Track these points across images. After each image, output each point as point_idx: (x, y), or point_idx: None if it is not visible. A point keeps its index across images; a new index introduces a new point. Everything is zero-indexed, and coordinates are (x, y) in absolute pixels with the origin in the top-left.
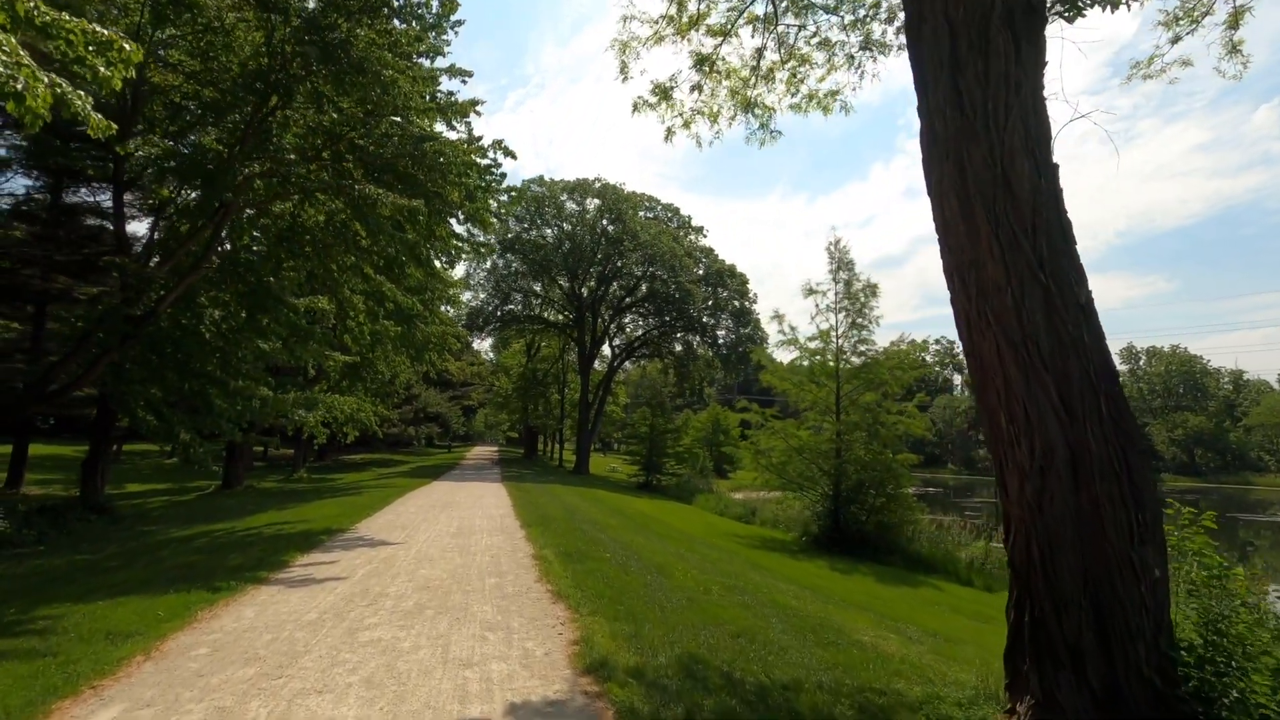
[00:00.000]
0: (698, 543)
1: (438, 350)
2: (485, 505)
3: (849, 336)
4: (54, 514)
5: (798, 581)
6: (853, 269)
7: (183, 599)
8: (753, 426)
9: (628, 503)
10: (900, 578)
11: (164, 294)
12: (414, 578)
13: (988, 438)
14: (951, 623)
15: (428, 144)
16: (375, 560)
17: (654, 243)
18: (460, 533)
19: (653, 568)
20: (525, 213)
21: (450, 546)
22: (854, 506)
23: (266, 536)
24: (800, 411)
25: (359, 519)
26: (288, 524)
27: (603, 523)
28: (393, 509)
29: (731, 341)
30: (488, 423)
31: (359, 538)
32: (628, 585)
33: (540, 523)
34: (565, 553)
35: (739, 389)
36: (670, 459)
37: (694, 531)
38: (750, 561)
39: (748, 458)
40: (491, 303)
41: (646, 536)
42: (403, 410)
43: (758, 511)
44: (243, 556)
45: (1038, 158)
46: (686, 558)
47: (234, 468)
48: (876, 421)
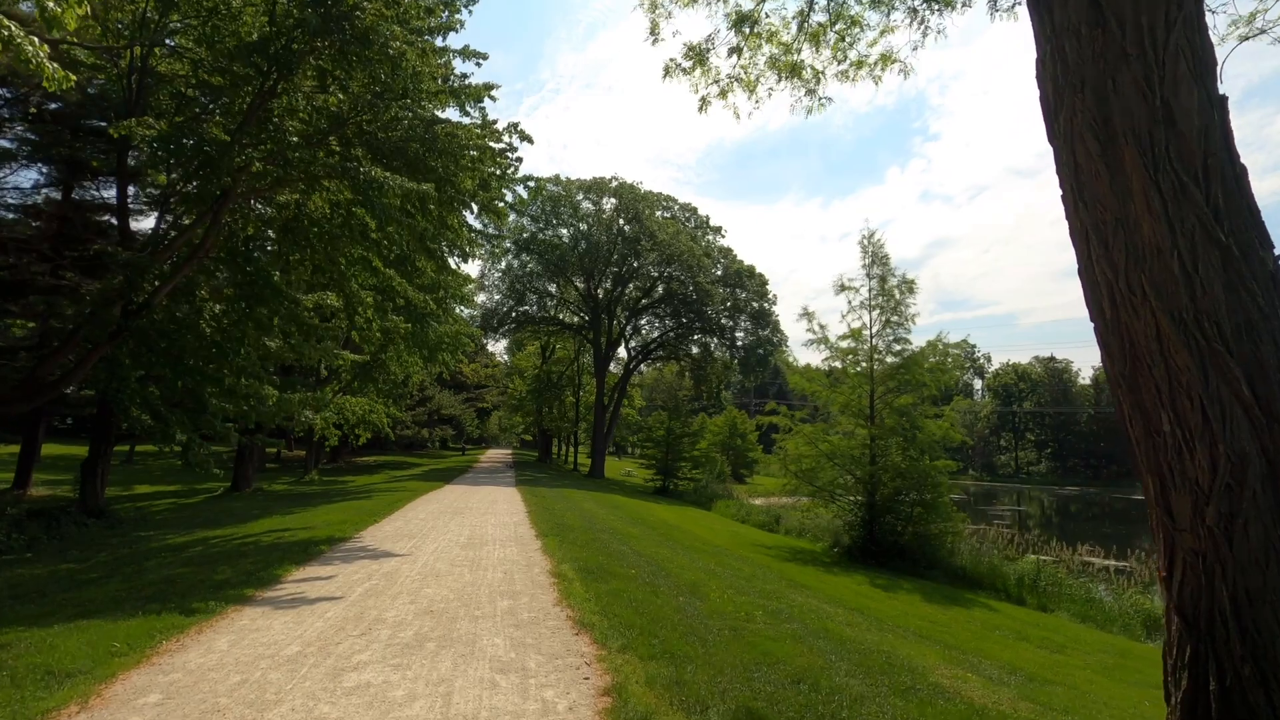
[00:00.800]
0: (726, 555)
1: (451, 350)
2: (498, 511)
3: (883, 335)
4: (49, 518)
5: (842, 601)
6: (888, 264)
7: (150, 624)
8: (780, 431)
9: (646, 509)
10: (947, 595)
11: (159, 285)
12: (417, 598)
13: (1139, 445)
14: (1024, 654)
15: (439, 126)
16: (376, 576)
17: (671, 242)
18: (471, 543)
19: (685, 587)
20: (540, 212)
21: (460, 559)
22: (889, 516)
23: (264, 545)
24: (829, 415)
25: (365, 526)
26: (289, 531)
27: (623, 532)
28: (401, 515)
29: (750, 344)
30: (502, 425)
31: (362, 548)
32: (660, 611)
33: (557, 532)
34: (586, 568)
35: (756, 392)
36: (687, 463)
37: (719, 542)
38: (786, 578)
39: (775, 464)
40: (506, 303)
41: (672, 548)
42: (416, 412)
43: (782, 519)
44: (232, 569)
45: (1206, 86)
46: (718, 574)
47: (243, 470)
48: (913, 426)
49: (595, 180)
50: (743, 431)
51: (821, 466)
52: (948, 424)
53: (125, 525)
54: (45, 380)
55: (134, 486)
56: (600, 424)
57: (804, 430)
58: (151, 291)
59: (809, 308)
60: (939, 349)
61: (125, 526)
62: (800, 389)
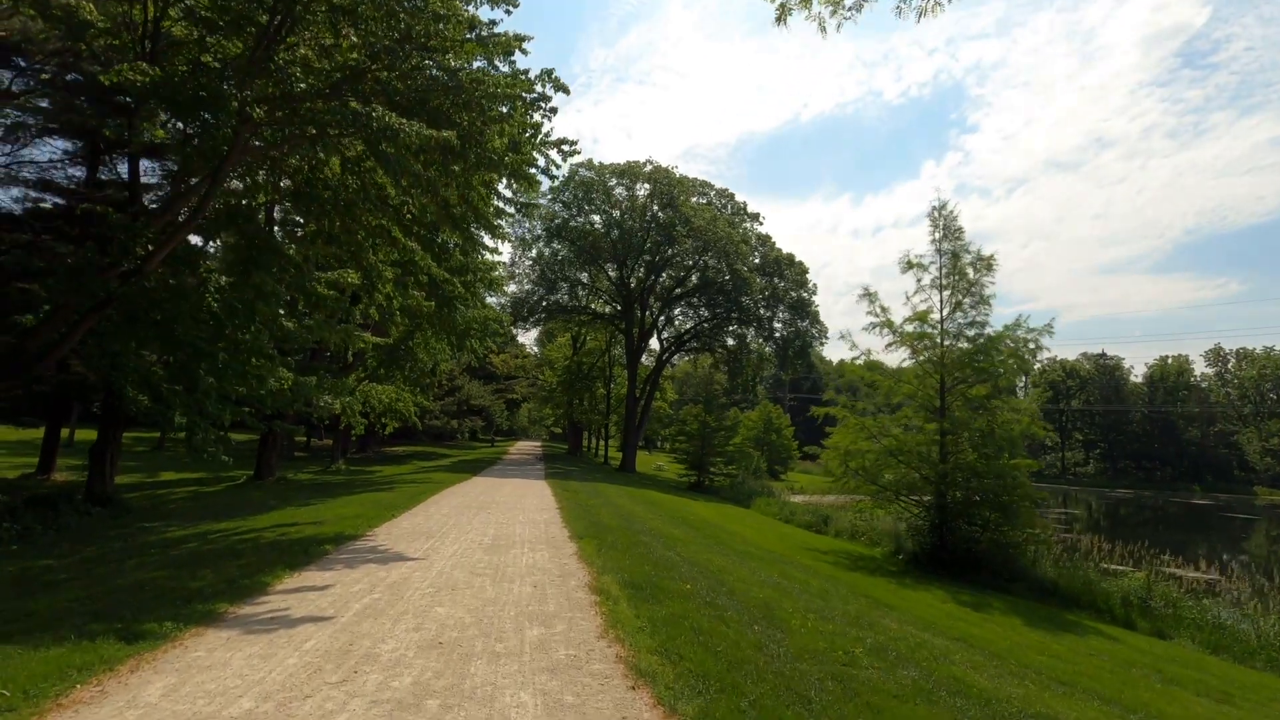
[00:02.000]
0: (784, 563)
1: (480, 338)
2: (527, 507)
3: (954, 318)
4: (50, 506)
5: (937, 627)
6: (961, 237)
7: (74, 656)
8: (837, 424)
9: (685, 506)
10: (1046, 617)
11: (152, 250)
12: (424, 622)
13: None
14: (1187, 705)
15: (464, 73)
16: (379, 587)
17: (708, 228)
18: (496, 545)
19: (756, 610)
20: (573, 198)
21: (481, 566)
22: (962, 521)
23: (263, 544)
24: (890, 408)
25: (380, 522)
26: (296, 526)
27: (666, 534)
28: (422, 509)
29: (788, 335)
30: (531, 417)
31: (372, 548)
32: (736, 648)
33: (593, 533)
34: (632, 582)
35: (791, 386)
36: (721, 459)
37: (770, 545)
38: (861, 593)
39: (832, 461)
40: (536, 292)
41: (724, 554)
42: (445, 402)
43: (831, 520)
44: (215, 574)
45: None
46: (787, 590)
47: (267, 458)
48: (991, 419)
49: (629, 165)
50: (778, 426)
51: (884, 464)
52: (1028, 418)
53: (132, 515)
54: (31, 353)
55: (159, 473)
56: (632, 417)
57: (864, 423)
58: (144, 257)
59: (870, 287)
60: (1018, 334)
61: (131, 516)
62: (857, 377)
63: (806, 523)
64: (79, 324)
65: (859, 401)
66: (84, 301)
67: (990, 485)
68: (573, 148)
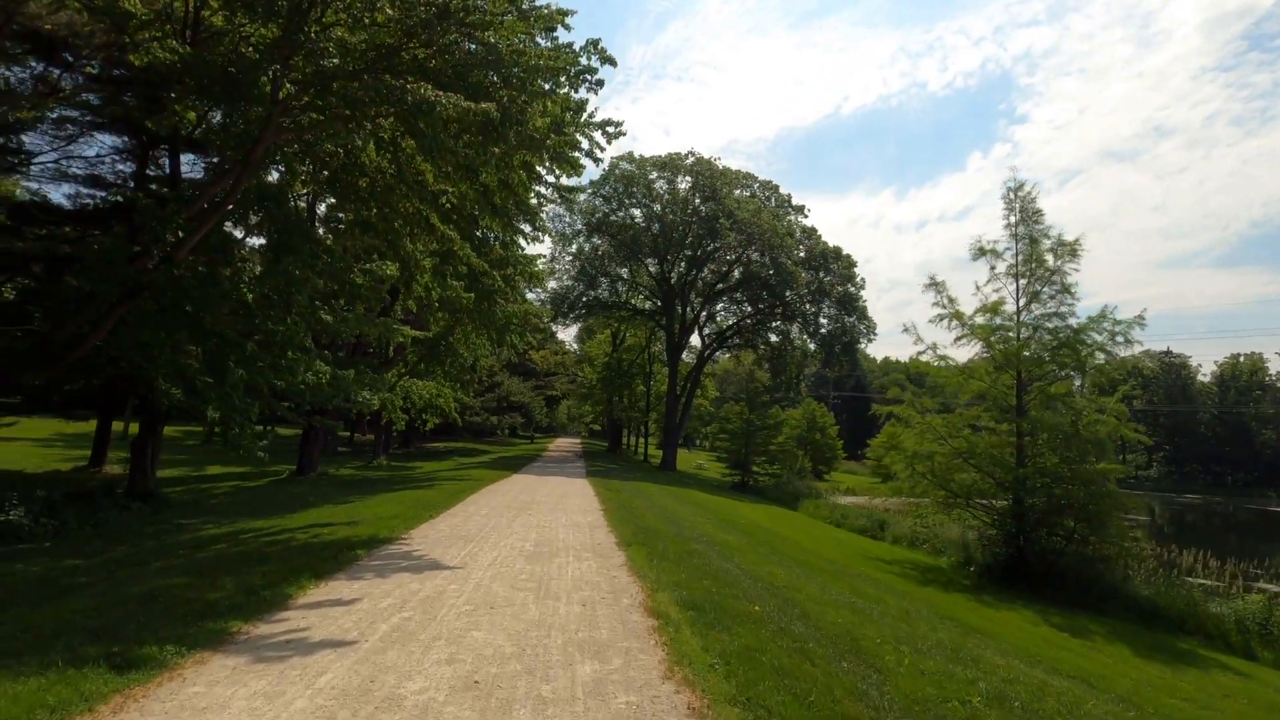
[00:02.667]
0: (851, 576)
1: (519, 333)
2: (569, 508)
3: (1031, 309)
4: (87, 501)
5: (1041, 658)
6: (1039, 220)
7: (58, 687)
8: (887, 424)
9: (732, 509)
10: (1152, 644)
11: (183, 237)
12: (458, 650)
13: None
14: None
15: (503, 46)
16: (411, 603)
17: (752, 221)
18: (538, 553)
19: (840, 642)
20: (613, 192)
21: (523, 578)
22: (1043, 531)
23: (294, 546)
24: (955, 406)
25: (417, 523)
26: (330, 527)
27: (719, 541)
28: (462, 509)
29: (834, 331)
30: (570, 414)
31: (406, 553)
32: (830, 699)
33: (642, 540)
34: (693, 603)
35: (835, 384)
36: (763, 458)
37: (829, 554)
38: (945, 614)
39: (897, 463)
40: (576, 288)
41: (784, 565)
42: (485, 398)
43: (887, 526)
44: (236, 583)
45: None
46: (864, 612)
47: (309, 453)
48: (1075, 420)
49: (670, 157)
50: (822, 425)
51: (954, 467)
52: (1114, 418)
53: (171, 510)
54: (59, 344)
55: (205, 467)
56: (672, 414)
57: (932, 423)
58: (174, 244)
59: (936, 276)
60: (1105, 326)
61: (170, 512)
62: (925, 372)
63: (860, 527)
64: (109, 314)
65: (925, 398)
66: (112, 290)
67: (1075, 492)
68: (617, 129)
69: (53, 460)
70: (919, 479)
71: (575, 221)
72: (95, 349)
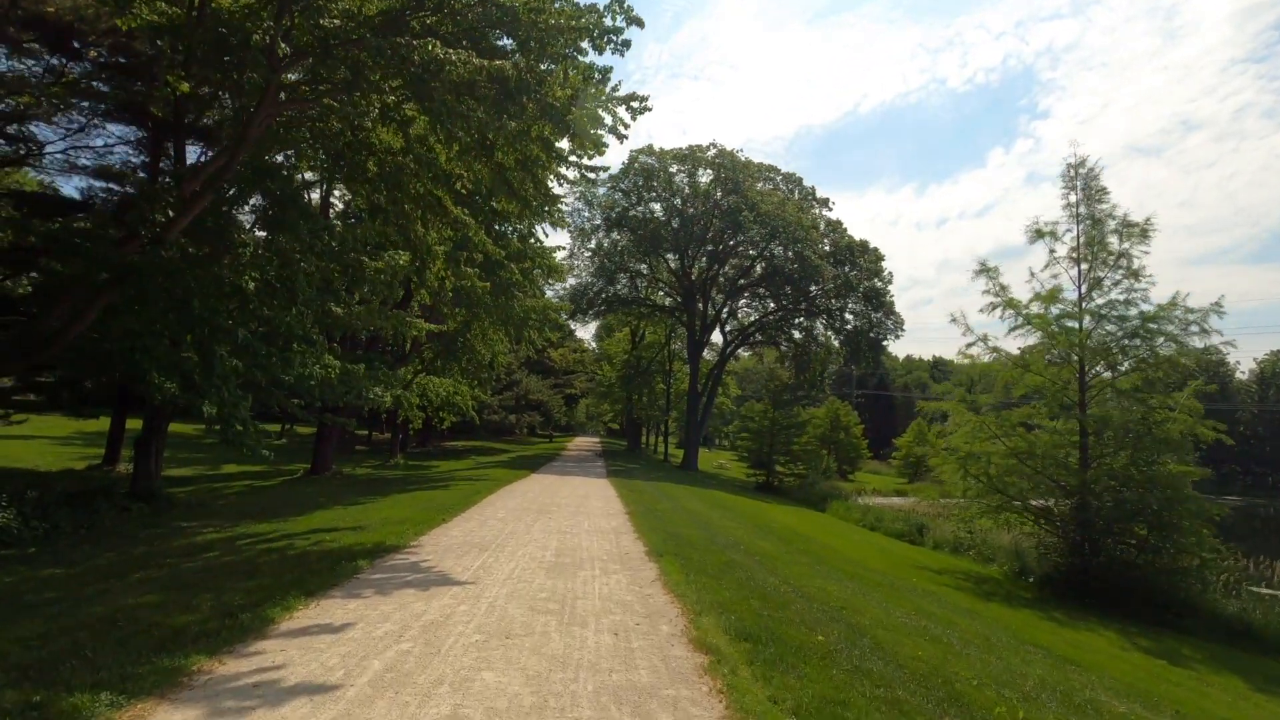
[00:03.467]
0: (907, 590)
1: (538, 328)
2: (591, 511)
3: (1093, 297)
4: (85, 502)
5: (1151, 696)
6: (1103, 199)
7: None
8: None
9: (761, 511)
10: (1265, 674)
11: (174, 216)
12: (463, 701)
13: None
14: None
15: (520, 3)
16: (412, 630)
17: (776, 213)
18: (560, 564)
19: (935, 687)
20: (632, 186)
21: (543, 597)
22: (1109, 539)
23: (291, 555)
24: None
25: (429, 528)
26: (335, 532)
27: (755, 549)
28: (477, 512)
29: (862, 327)
30: (589, 413)
31: (414, 564)
32: None
33: (674, 549)
34: (745, 631)
35: (857, 382)
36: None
37: (873, 562)
38: (1026, 639)
39: (947, 466)
40: (595, 284)
41: (833, 578)
42: (503, 397)
43: (926, 530)
44: (215, 602)
45: None
46: (941, 639)
47: (323, 452)
48: (1146, 417)
49: (691, 149)
50: (846, 424)
51: (1010, 468)
52: (1188, 415)
53: (174, 512)
54: (45, 334)
55: (222, 466)
56: (694, 413)
57: (984, 422)
58: (165, 224)
59: (987, 262)
60: (1177, 314)
61: (173, 514)
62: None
63: (897, 531)
64: (93, 301)
65: (979, 395)
66: (95, 275)
67: (1148, 497)
68: (643, 104)
69: (68, 458)
70: (970, 482)
71: (594, 216)
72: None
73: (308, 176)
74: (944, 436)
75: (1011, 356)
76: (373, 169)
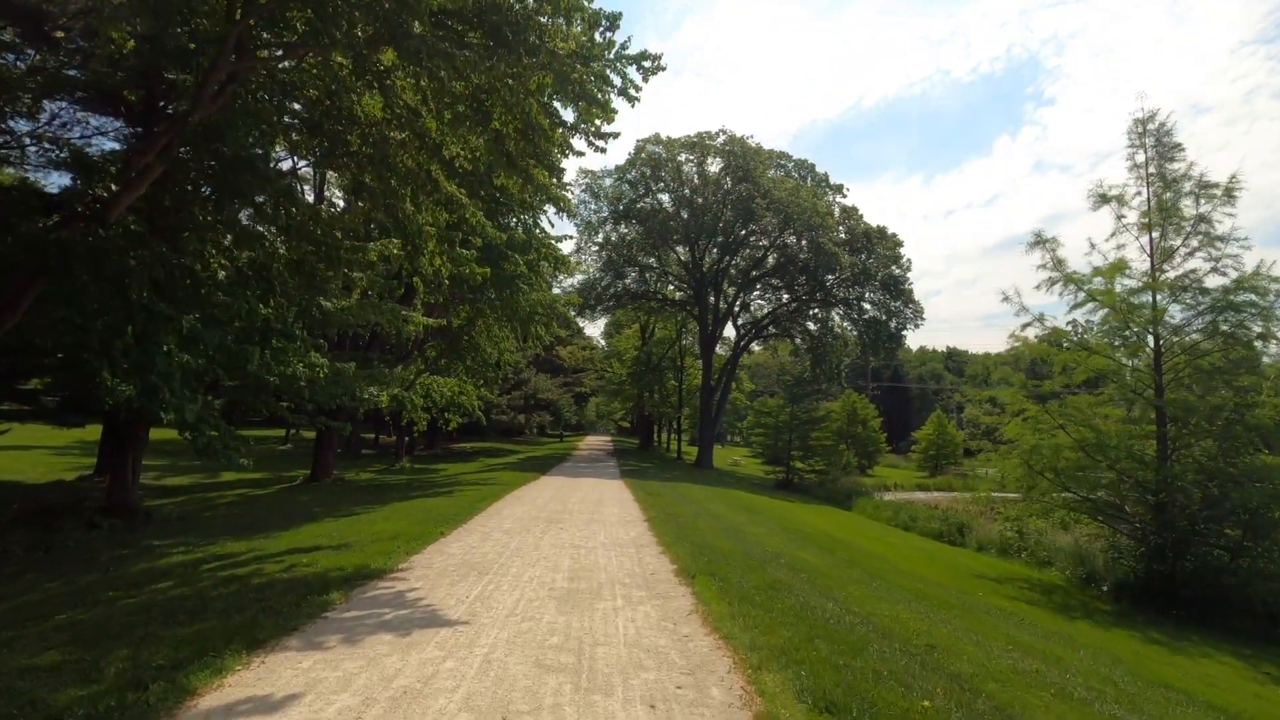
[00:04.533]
0: (986, 613)
1: (544, 323)
2: (607, 519)
3: (1163, 269)
4: (45, 520)
5: None
6: (1175, 157)
7: None
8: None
9: (789, 513)
10: None
11: (117, 191)
12: None
13: None
14: None
15: None
16: (378, 701)
17: (790, 200)
18: (574, 592)
19: None
20: (639, 176)
21: (553, 645)
22: (1198, 541)
23: (254, 586)
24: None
25: (423, 544)
26: (314, 551)
27: (798, 561)
28: (481, 522)
29: (881, 316)
30: (599, 412)
31: (397, 596)
32: None
33: (707, 566)
34: (824, 698)
35: (872, 375)
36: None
37: (925, 571)
38: (1152, 677)
39: (1009, 463)
40: (604, 279)
41: (904, 603)
42: (512, 396)
43: (968, 530)
44: (128, 659)
45: None
46: (1065, 690)
47: (324, 457)
48: (1239, 402)
49: (699, 136)
50: (863, 418)
51: (1078, 462)
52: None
53: (150, 528)
54: None
55: (220, 473)
56: (708, 409)
57: (1048, 411)
58: (108, 200)
59: (1043, 233)
60: (1262, 283)
61: (149, 530)
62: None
63: (933, 531)
64: (26, 288)
65: (1043, 383)
66: (15, 256)
67: (1247, 494)
68: (656, 63)
69: (61, 469)
70: (1037, 478)
71: (601, 209)
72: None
73: (295, 164)
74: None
75: (1061, 333)
76: (355, 143)
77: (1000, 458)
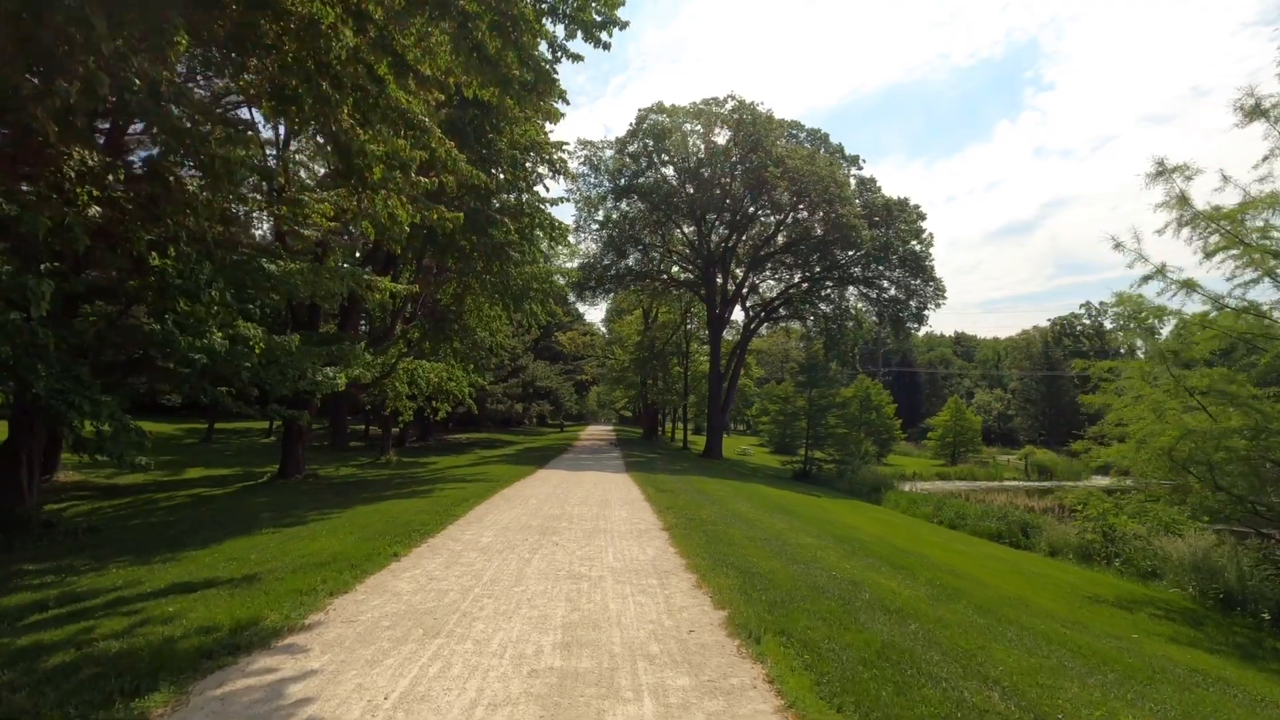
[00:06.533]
0: (1155, 669)
1: (540, 300)
2: (615, 527)
3: None
4: None
5: None
6: None
7: None
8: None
9: (821, 510)
10: None
11: None
12: None
13: None
14: None
15: None
16: None
17: (806, 168)
18: (568, 676)
19: None
20: (642, 149)
21: None
22: None
23: (42, 671)
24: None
25: (362, 575)
26: (199, 592)
27: (891, 597)
28: (454, 534)
29: (901, 296)
30: (601, 400)
31: (268, 694)
32: None
33: (773, 617)
34: None
35: (883, 359)
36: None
37: (1028, 595)
38: None
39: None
40: (605, 258)
41: (1076, 678)
42: (509, 384)
43: (1031, 531)
44: None
45: None
46: None
47: (293, 451)
48: None
49: (706, 103)
50: (877, 404)
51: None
52: None
53: (40, 545)
54: None
55: (186, 470)
56: (716, 396)
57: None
58: None
59: (1166, 160)
60: None
61: (32, 549)
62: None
63: (989, 531)
64: None
65: (1165, 364)
66: None
67: None
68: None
69: None
70: (1180, 472)
71: (600, 182)
72: None
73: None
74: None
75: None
76: (270, 32)
77: (1132, 449)
